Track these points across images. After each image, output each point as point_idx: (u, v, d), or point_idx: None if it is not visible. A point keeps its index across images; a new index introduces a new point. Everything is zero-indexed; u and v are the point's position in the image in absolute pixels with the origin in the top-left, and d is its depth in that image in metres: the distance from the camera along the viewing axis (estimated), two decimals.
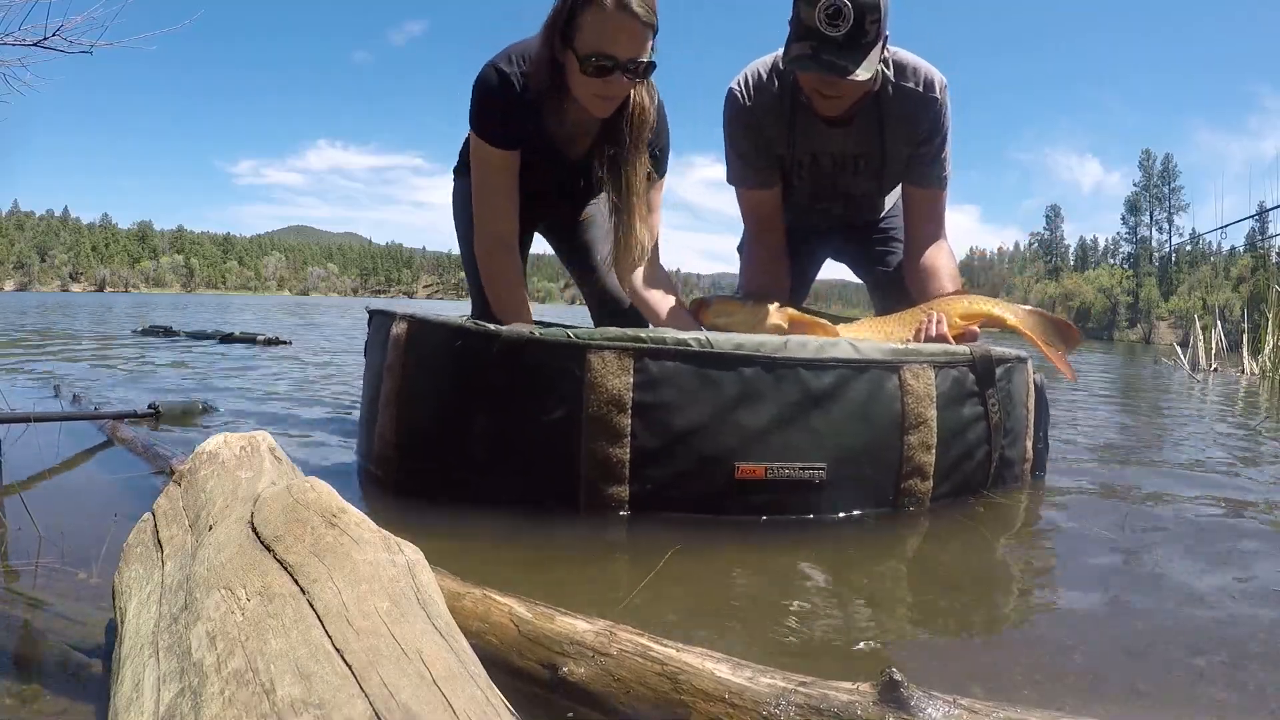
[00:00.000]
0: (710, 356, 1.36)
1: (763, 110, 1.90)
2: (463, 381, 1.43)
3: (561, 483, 1.38)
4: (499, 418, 1.40)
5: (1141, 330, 44.09)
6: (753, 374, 1.37)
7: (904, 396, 1.45)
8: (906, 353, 1.47)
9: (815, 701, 0.66)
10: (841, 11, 1.60)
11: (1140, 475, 2.10)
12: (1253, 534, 1.52)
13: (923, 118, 1.85)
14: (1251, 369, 7.13)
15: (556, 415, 1.36)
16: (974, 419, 1.57)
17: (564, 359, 1.36)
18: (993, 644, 1.00)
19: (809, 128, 1.91)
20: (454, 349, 1.43)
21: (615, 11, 1.59)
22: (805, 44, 1.66)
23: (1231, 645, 0.99)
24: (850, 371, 1.42)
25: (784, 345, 1.39)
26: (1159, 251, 55.93)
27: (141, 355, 4.81)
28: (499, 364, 1.38)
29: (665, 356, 1.35)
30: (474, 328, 1.42)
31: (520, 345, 1.37)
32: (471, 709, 0.49)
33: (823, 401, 1.39)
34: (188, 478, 0.89)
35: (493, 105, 1.75)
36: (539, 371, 1.38)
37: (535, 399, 1.38)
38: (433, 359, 1.48)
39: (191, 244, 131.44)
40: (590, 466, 1.36)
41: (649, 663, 0.73)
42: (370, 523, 0.72)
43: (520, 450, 1.41)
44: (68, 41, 3.93)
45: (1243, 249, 44.36)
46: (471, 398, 1.42)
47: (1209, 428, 3.26)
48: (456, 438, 1.44)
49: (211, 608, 0.60)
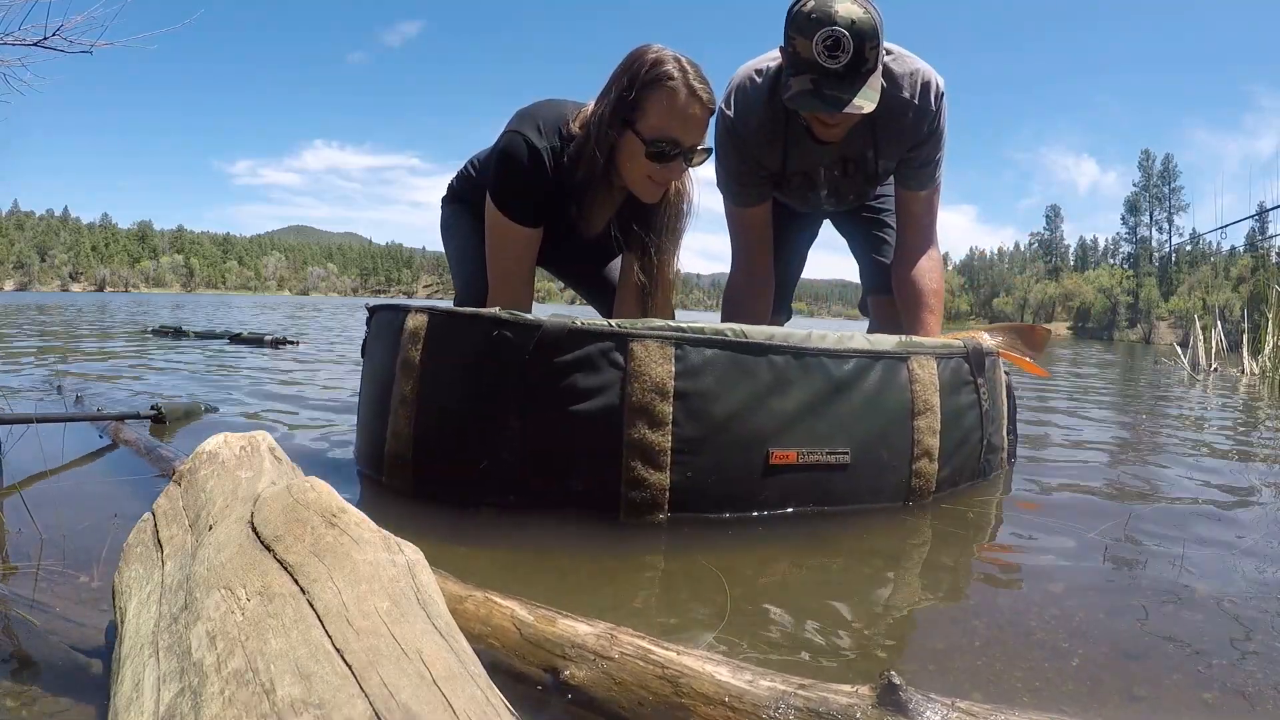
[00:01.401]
0: (744, 345, 1.39)
1: (753, 132, 1.85)
2: (498, 374, 1.38)
3: (603, 473, 1.36)
4: (537, 410, 1.37)
5: (1141, 330, 44.09)
6: (783, 362, 1.41)
7: (912, 384, 1.55)
8: (912, 344, 1.57)
9: (814, 704, 0.66)
10: (840, 43, 1.54)
11: (1139, 476, 2.10)
12: (1252, 535, 1.52)
13: (916, 127, 1.82)
14: (1251, 369, 7.13)
15: (598, 405, 1.35)
16: (969, 406, 1.69)
17: (607, 348, 1.35)
18: (991, 647, 1.00)
19: (802, 146, 1.88)
20: (491, 340, 1.38)
21: (688, 97, 1.59)
22: (805, 78, 1.60)
23: (1230, 647, 0.99)
24: (867, 360, 1.49)
25: (808, 336, 1.45)
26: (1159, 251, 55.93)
27: (149, 355, 4.81)
28: (540, 354, 1.36)
29: (704, 344, 1.37)
30: (512, 317, 1.38)
31: (563, 335, 1.35)
32: (471, 709, 0.49)
33: (844, 389, 1.46)
34: (188, 478, 0.90)
35: (522, 183, 1.68)
36: (582, 362, 1.36)
37: (576, 389, 1.36)
38: (461, 352, 1.43)
39: (191, 244, 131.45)
40: (631, 454, 1.35)
41: (650, 666, 0.73)
42: (370, 523, 0.72)
43: (560, 442, 1.38)
44: (68, 41, 3.94)
45: (1243, 249, 44.36)
46: (507, 390, 1.38)
47: (1208, 428, 3.26)
48: (488, 434, 1.40)
49: (211, 607, 0.60)
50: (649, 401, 1.34)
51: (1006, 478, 1.92)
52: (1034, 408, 3.66)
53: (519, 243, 1.74)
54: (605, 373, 1.35)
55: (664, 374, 1.34)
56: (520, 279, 1.78)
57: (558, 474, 1.38)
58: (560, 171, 1.68)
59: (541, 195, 1.70)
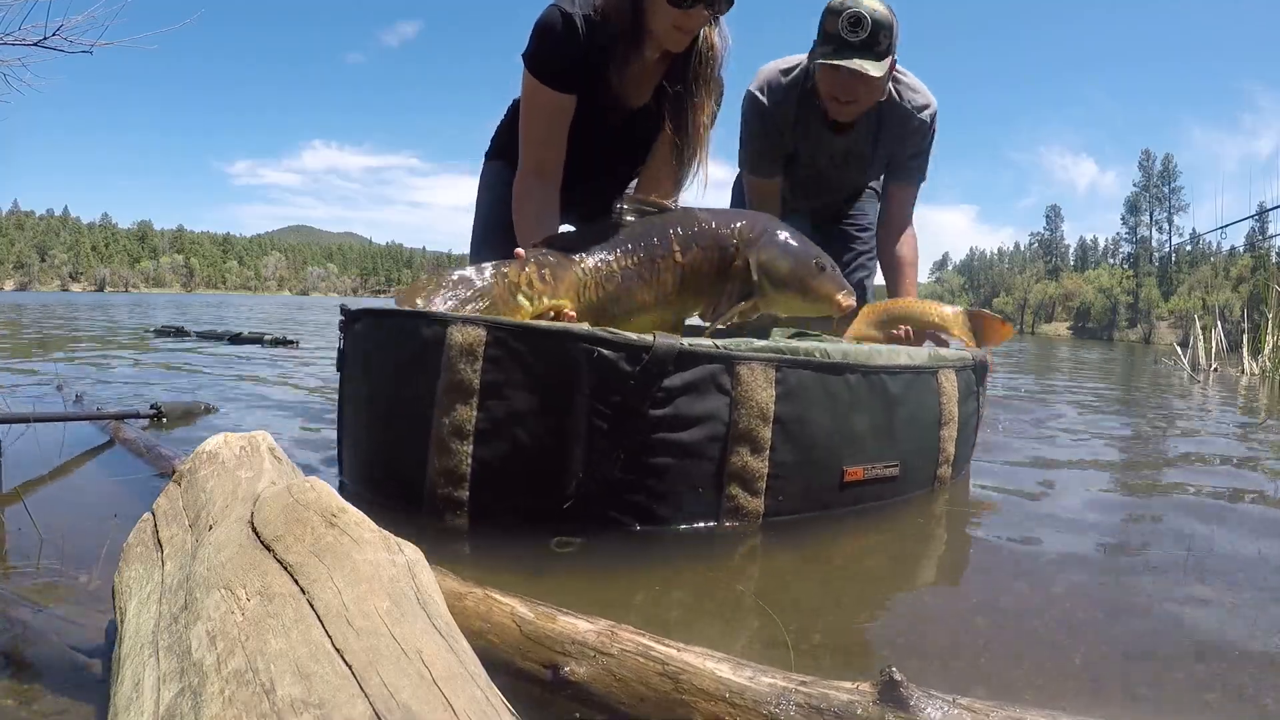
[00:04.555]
0: (829, 365, 1.41)
1: (777, 115, 2.21)
2: (595, 399, 1.24)
3: (702, 500, 1.31)
4: (638, 438, 1.26)
5: (1141, 330, 44.09)
6: (855, 380, 1.45)
7: (940, 396, 1.64)
8: (940, 358, 1.68)
9: (815, 701, 0.66)
10: (861, 21, 1.91)
11: (1138, 477, 2.10)
12: (1251, 536, 1.52)
13: (914, 137, 2.22)
14: (1251, 369, 7.13)
15: (704, 433, 1.29)
16: (972, 413, 1.82)
17: (716, 371, 1.30)
18: (992, 644, 1.00)
19: (815, 133, 2.24)
20: (590, 361, 1.24)
21: None
22: (828, 47, 1.96)
23: (1229, 648, 0.99)
24: (912, 375, 1.57)
25: (869, 353, 1.49)
26: (1159, 251, 55.93)
27: (149, 355, 4.81)
28: (645, 378, 1.25)
29: (798, 366, 1.37)
30: (614, 336, 1.25)
31: (672, 357, 1.26)
32: (471, 709, 0.49)
33: (896, 404, 1.52)
34: (188, 477, 0.89)
35: (555, 45, 1.71)
36: (690, 386, 1.28)
37: (682, 416, 1.28)
38: (544, 375, 1.25)
39: (191, 244, 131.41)
40: (732, 481, 1.32)
41: (650, 662, 0.73)
42: (370, 522, 0.72)
43: (658, 473, 1.28)
44: (68, 41, 3.95)
45: (1243, 249, 44.36)
46: (602, 418, 1.25)
47: (1208, 429, 3.26)
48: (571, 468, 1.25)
49: (211, 607, 0.60)
50: (753, 428, 1.31)
51: (1008, 477, 1.92)
52: (1036, 405, 3.66)
53: (551, 109, 1.76)
54: (712, 398, 1.30)
55: (767, 398, 1.32)
56: (552, 145, 1.78)
57: (650, 505, 1.29)
58: (594, 36, 1.71)
59: (574, 59, 1.71)
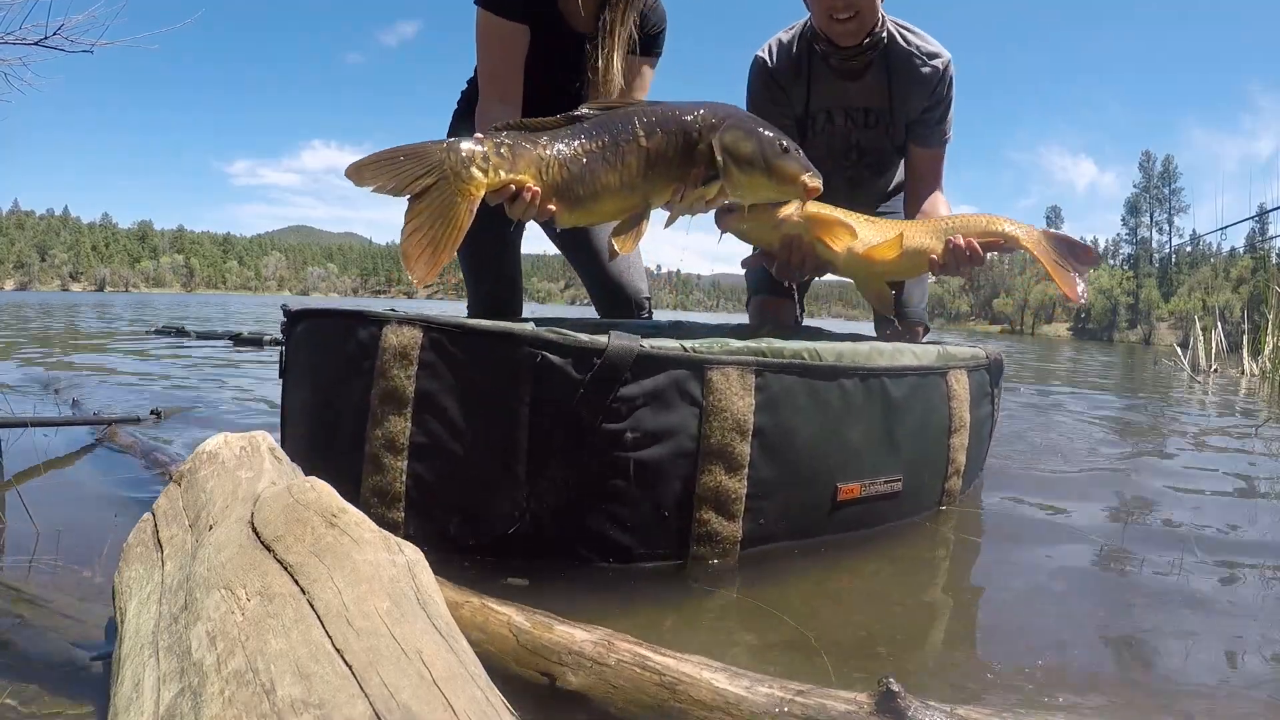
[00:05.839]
0: (819, 369, 1.23)
1: (784, 70, 2.18)
2: (539, 411, 1.09)
3: (668, 528, 1.15)
4: (589, 457, 1.10)
5: (1142, 331, 44.04)
6: (851, 386, 1.28)
7: (950, 401, 1.47)
8: (949, 357, 1.49)
9: (812, 711, 0.66)
10: None
11: (1138, 478, 2.10)
12: (1251, 536, 1.52)
13: (927, 83, 2.10)
14: (1251, 370, 7.12)
15: (668, 449, 1.12)
16: (986, 417, 1.64)
17: (682, 378, 1.12)
18: (991, 653, 1.00)
19: (825, 83, 2.19)
20: (534, 365, 1.08)
21: None
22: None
23: (1232, 648, 0.99)
24: (917, 379, 1.40)
25: (868, 354, 1.33)
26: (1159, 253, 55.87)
27: (150, 355, 4.81)
28: (598, 387, 1.08)
29: (782, 370, 1.19)
30: (560, 338, 1.09)
31: (628, 362, 1.09)
32: (471, 709, 0.49)
33: (899, 412, 1.36)
34: (188, 478, 0.89)
35: None
36: (651, 396, 1.11)
37: (642, 431, 1.11)
38: (481, 382, 1.11)
39: (191, 244, 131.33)
40: (703, 505, 1.15)
41: (647, 672, 0.73)
42: (370, 523, 0.72)
43: (616, 495, 1.12)
44: (68, 40, 3.95)
45: (1243, 250, 44.35)
46: (550, 432, 1.09)
47: (1209, 429, 3.26)
48: (517, 490, 1.11)
49: (211, 608, 0.60)
50: (728, 443, 1.14)
51: (1008, 480, 1.92)
52: (1036, 409, 3.66)
53: (506, 39, 1.74)
54: (678, 409, 1.12)
55: (744, 408, 1.14)
56: (509, 79, 1.76)
57: (607, 533, 1.14)
58: None
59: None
